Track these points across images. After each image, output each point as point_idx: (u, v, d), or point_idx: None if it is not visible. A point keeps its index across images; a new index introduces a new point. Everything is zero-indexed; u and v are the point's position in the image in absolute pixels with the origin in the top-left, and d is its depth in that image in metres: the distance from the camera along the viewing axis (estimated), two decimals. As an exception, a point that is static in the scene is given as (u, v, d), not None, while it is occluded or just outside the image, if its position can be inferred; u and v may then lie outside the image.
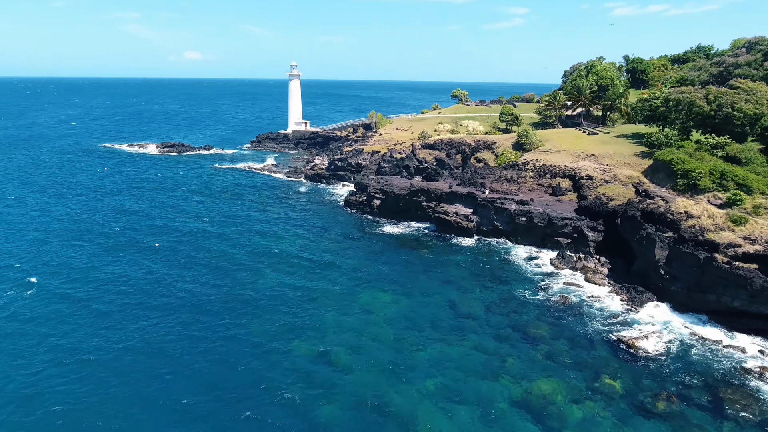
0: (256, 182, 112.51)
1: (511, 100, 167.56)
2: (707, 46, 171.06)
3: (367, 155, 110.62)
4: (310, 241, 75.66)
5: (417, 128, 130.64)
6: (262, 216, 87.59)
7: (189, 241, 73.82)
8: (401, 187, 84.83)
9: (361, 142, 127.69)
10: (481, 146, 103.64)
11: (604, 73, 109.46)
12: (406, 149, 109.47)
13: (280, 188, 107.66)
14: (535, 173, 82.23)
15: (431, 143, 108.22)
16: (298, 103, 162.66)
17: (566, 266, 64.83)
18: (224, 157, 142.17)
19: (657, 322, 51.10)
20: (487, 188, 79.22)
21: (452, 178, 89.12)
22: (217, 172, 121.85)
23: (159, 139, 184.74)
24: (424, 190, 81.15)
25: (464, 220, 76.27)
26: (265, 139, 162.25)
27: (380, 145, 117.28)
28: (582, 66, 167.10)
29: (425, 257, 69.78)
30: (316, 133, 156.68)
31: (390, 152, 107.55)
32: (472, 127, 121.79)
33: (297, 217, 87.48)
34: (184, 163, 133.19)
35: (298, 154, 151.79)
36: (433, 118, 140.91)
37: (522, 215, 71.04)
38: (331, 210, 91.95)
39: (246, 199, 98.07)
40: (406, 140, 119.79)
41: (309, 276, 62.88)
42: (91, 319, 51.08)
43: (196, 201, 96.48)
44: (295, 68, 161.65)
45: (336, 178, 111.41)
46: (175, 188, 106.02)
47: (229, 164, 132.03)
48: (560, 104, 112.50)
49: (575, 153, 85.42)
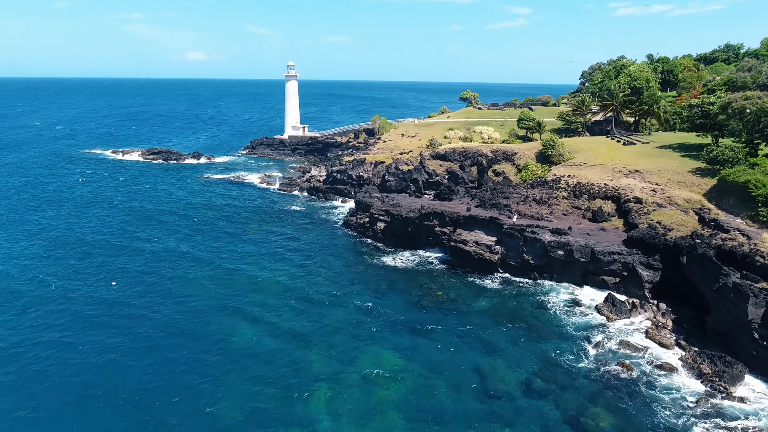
0: (246, 197, 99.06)
1: (526, 102, 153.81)
2: (736, 44, 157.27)
3: (369, 166, 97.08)
4: (300, 276, 62.20)
5: (425, 134, 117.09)
6: (248, 241, 74.10)
7: (155, 281, 60.19)
8: (410, 208, 71.22)
9: (363, 150, 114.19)
10: (499, 157, 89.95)
11: (638, 73, 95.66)
12: (414, 160, 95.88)
13: (272, 204, 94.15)
14: (569, 193, 68.52)
15: (442, 153, 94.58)
16: (296, 105, 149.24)
17: (618, 316, 51.19)
18: (213, 166, 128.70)
19: (763, 412, 37.42)
20: (513, 211, 65.59)
21: (469, 196, 75.46)
22: (203, 185, 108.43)
23: (150, 143, 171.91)
24: (437, 213, 67.55)
25: (486, 251, 62.65)
26: (259, 144, 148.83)
27: (384, 154, 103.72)
28: (605, 66, 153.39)
29: (440, 300, 56.28)
30: (315, 139, 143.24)
31: (395, 163, 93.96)
32: (487, 134, 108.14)
33: (288, 242, 73.97)
34: (168, 174, 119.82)
35: (295, 161, 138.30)
36: (442, 123, 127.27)
37: (559, 248, 57.41)
38: (328, 233, 78.41)
39: (231, 219, 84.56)
40: (413, 148, 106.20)
41: (296, 327, 49.52)
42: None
43: (173, 222, 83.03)
44: (292, 68, 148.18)
45: (334, 192, 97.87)
46: (152, 205, 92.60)
47: (218, 174, 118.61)
48: (588, 109, 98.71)
49: (614, 168, 71.71)
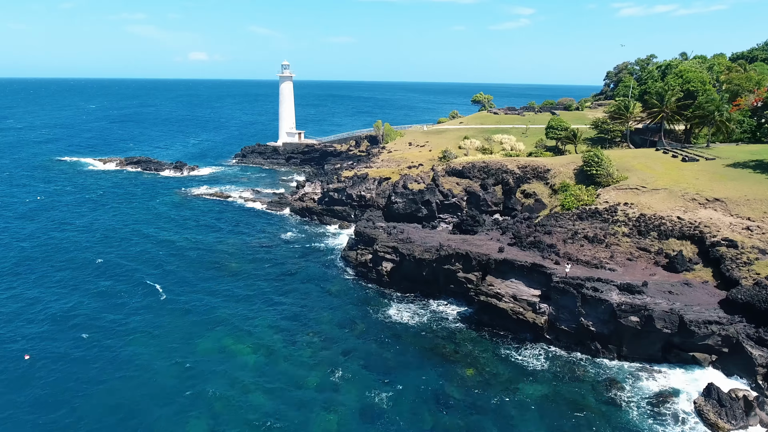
0: (226, 221, 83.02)
1: (545, 106, 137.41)
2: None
3: (372, 184, 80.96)
4: (284, 340, 46.41)
5: (436, 144, 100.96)
6: (220, 290, 58.07)
7: (81, 360, 44.33)
8: (424, 246, 55.03)
9: (365, 161, 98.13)
10: (528, 174, 73.80)
11: (692, 74, 79.37)
12: (425, 176, 79.78)
13: (257, 232, 78.07)
14: (631, 229, 52.31)
15: (459, 168, 78.41)
16: (291, 109, 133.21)
17: (732, 424, 35.07)
18: (196, 179, 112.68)
19: None
20: (560, 254, 49.53)
21: (498, 228, 59.30)
22: (179, 204, 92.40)
23: (137, 147, 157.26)
24: (460, 256, 51.43)
25: (528, 309, 46.59)
26: (251, 152, 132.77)
27: (390, 168, 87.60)
28: (632, 65, 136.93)
29: (469, 384, 40.38)
30: (312, 147, 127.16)
31: (403, 180, 77.88)
32: (509, 144, 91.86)
33: (271, 288, 57.89)
34: (143, 189, 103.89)
35: (289, 171, 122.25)
36: (454, 131, 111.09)
37: (632, 312, 41.32)
38: (321, 272, 62.32)
39: (203, 255, 68.56)
40: (423, 161, 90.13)
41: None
42: None
43: (131, 257, 67.12)
44: (287, 68, 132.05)
45: (331, 215, 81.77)
46: (113, 231, 76.78)
47: (200, 189, 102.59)
48: (633, 116, 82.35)
49: (684, 194, 55.54)
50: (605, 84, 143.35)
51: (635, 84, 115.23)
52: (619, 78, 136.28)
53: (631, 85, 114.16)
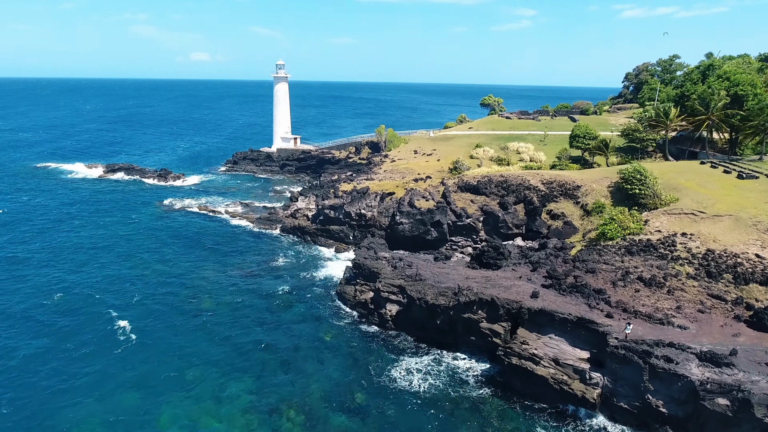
0: (209, 239, 72.50)
1: (560, 110, 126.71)
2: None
3: (373, 200, 70.35)
4: (261, 421, 35.77)
5: (444, 152, 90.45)
6: (190, 337, 47.52)
7: None
8: (438, 288, 44.31)
9: (366, 172, 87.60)
10: (555, 191, 63.26)
11: (740, 77, 68.73)
12: (434, 191, 69.25)
13: (241, 255, 67.53)
14: (697, 268, 41.64)
15: (473, 183, 67.88)
16: (286, 112, 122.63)
17: None
18: (181, 189, 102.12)
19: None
20: (612, 303, 38.94)
21: (527, 263, 48.63)
22: (157, 219, 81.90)
23: (126, 151, 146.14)
24: (484, 302, 40.79)
25: (575, 377, 36.00)
26: (242, 159, 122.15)
27: (393, 181, 77.07)
28: (653, 67, 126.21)
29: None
30: (308, 153, 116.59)
31: (410, 196, 67.31)
32: (527, 153, 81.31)
33: (252, 332, 47.38)
34: (122, 199, 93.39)
35: (284, 180, 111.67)
36: (463, 137, 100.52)
37: (721, 392, 30.78)
38: (313, 312, 51.64)
39: (180, 283, 58.06)
40: (431, 172, 79.66)
41: None
42: None
43: (95, 284, 56.67)
44: (281, 68, 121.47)
45: (327, 235, 71.19)
46: (80, 251, 66.37)
47: (183, 201, 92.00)
48: (674, 123, 71.61)
49: (756, 222, 44.92)
50: (624, 86, 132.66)
51: (662, 87, 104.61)
52: (640, 80, 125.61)
53: (657, 88, 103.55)
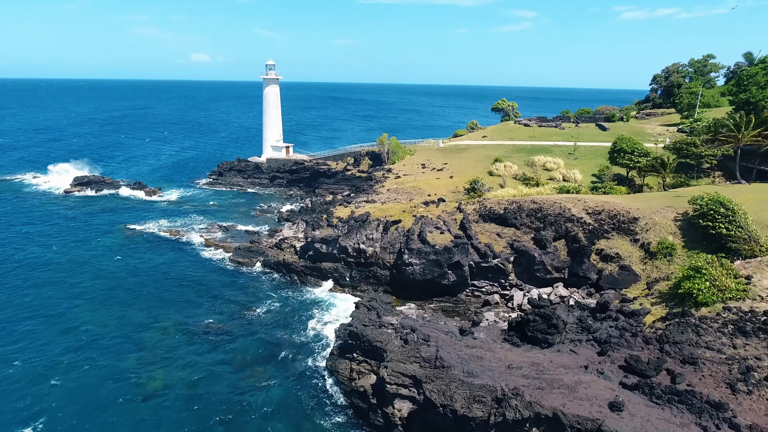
0: (174, 278, 58.75)
1: (582, 116, 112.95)
2: None
3: (375, 230, 56.52)
4: None
5: (457, 167, 76.84)
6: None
7: None
8: (472, 387, 30.02)
9: (366, 190, 73.89)
10: (604, 223, 49.59)
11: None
12: (449, 219, 55.54)
13: (211, 298, 53.79)
14: None
15: (499, 211, 54.16)
16: (277, 118, 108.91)
17: None
18: (155, 207, 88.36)
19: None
20: (739, 426, 25.12)
21: (591, 342, 34.65)
22: (122, 247, 68.19)
23: (106, 159, 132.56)
24: (542, 418, 26.92)
25: None
26: (228, 170, 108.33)
27: (399, 204, 63.35)
28: (685, 67, 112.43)
29: None
30: (301, 164, 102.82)
31: (421, 228, 53.56)
32: (559, 171, 67.59)
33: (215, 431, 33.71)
34: (82, 222, 79.65)
35: (272, 197, 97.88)
36: (478, 148, 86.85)
37: None
38: (293, 399, 37.66)
39: (125, 348, 44.28)
40: (443, 192, 66.09)
41: None
42: None
43: (11, 345, 42.88)
44: (272, 69, 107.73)
45: (317, 275, 57.34)
46: (11, 294, 52.60)
47: (154, 222, 78.27)
48: (748, 137, 57.75)
49: None
50: (651, 89, 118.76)
51: (704, 90, 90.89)
52: (671, 82, 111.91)
53: (699, 92, 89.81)
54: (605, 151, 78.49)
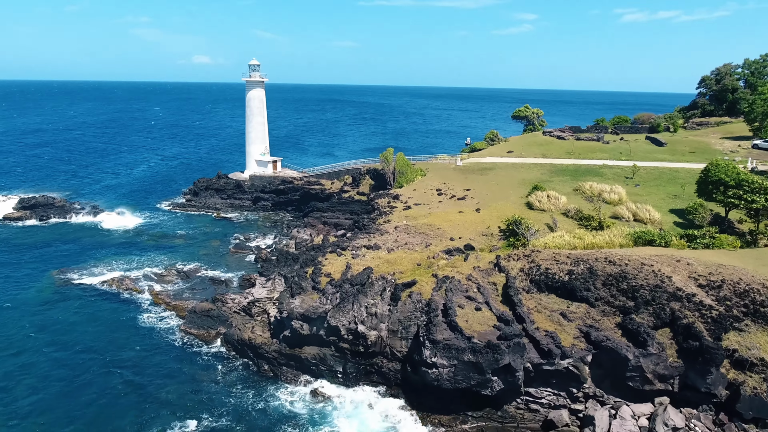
0: (98, 362, 41.24)
1: (619, 124, 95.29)
2: None
3: (378, 295, 38.84)
4: None
5: (483, 194, 59.22)
6: None
7: None
8: None
9: (366, 227, 56.21)
10: (732, 306, 31.89)
11: None
12: (485, 282, 38.05)
13: (144, 402, 36.20)
14: None
15: (558, 275, 36.57)
16: (263, 126, 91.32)
17: None
18: (107, 239, 70.84)
19: None
20: None
21: None
22: (41, 307, 50.64)
23: (78, 171, 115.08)
24: None
25: None
26: (206, 188, 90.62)
27: (411, 252, 45.79)
28: (740, 69, 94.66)
29: None
30: (290, 182, 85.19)
31: (447, 298, 35.96)
32: (628, 207, 49.85)
33: None
34: (9, 263, 62.12)
35: (252, 224, 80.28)
36: (505, 168, 69.26)
37: None
38: None
39: None
40: (469, 232, 48.58)
41: None
42: None
43: None
44: (256, 70, 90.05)
45: (295, 365, 39.58)
46: None
47: (95, 268, 60.67)
48: None
49: None
50: (699, 94, 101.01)
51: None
52: (724, 86, 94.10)
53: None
54: (671, 174, 61.01)
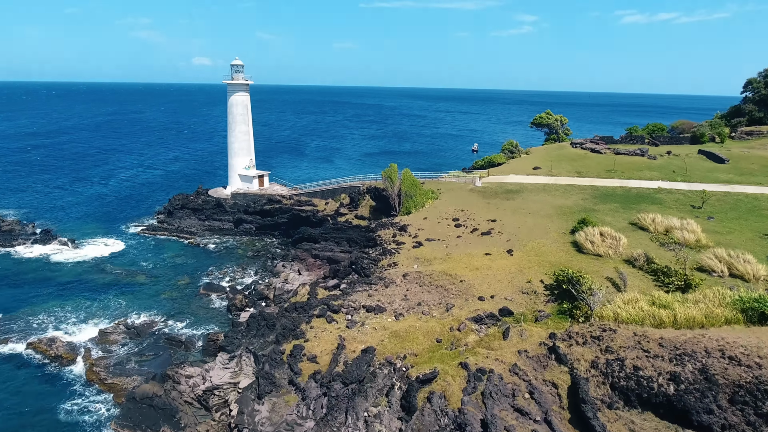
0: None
1: (656, 134, 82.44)
2: None
3: (385, 394, 26.02)
4: None
5: (512, 226, 46.26)
6: None
7: None
8: None
9: (365, 271, 43.37)
10: None
11: None
12: (539, 383, 25.29)
13: None
14: None
15: (654, 380, 23.66)
16: (247, 137, 78.49)
17: None
18: (46, 281, 57.90)
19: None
20: None
21: None
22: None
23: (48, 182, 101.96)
24: None
25: None
26: (181, 207, 77.72)
27: (428, 320, 33.18)
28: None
29: None
30: (278, 201, 72.40)
31: (484, 411, 23.07)
32: (717, 253, 36.81)
33: None
34: None
35: (231, 254, 67.39)
36: (535, 190, 56.32)
37: None
38: None
39: None
40: (503, 287, 35.91)
41: None
42: None
43: None
44: (239, 72, 77.17)
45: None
46: None
47: (22, 321, 47.86)
48: None
49: None
50: (745, 99, 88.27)
51: None
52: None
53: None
54: (750, 202, 48.12)
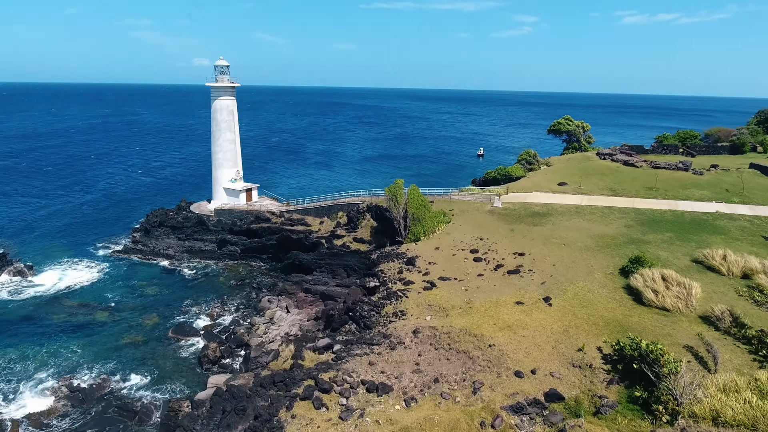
0: None
1: (692, 144, 73.53)
2: None
3: None
4: None
5: (545, 264, 36.94)
6: None
7: None
8: None
9: (366, 321, 34.42)
10: None
11: None
12: None
13: None
14: None
15: None
16: (233, 146, 69.53)
17: None
18: (10, 318, 49.04)
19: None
20: None
21: None
22: None
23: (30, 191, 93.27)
24: None
25: None
26: (159, 225, 68.73)
27: (449, 407, 24.07)
28: None
29: None
30: (267, 219, 63.46)
31: None
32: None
33: None
34: None
35: (213, 282, 58.45)
36: (567, 213, 47.18)
37: None
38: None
39: None
40: (544, 356, 27.74)
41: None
42: None
43: None
44: (224, 73, 68.17)
45: None
46: None
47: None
48: None
49: None
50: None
51: None
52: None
53: None
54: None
